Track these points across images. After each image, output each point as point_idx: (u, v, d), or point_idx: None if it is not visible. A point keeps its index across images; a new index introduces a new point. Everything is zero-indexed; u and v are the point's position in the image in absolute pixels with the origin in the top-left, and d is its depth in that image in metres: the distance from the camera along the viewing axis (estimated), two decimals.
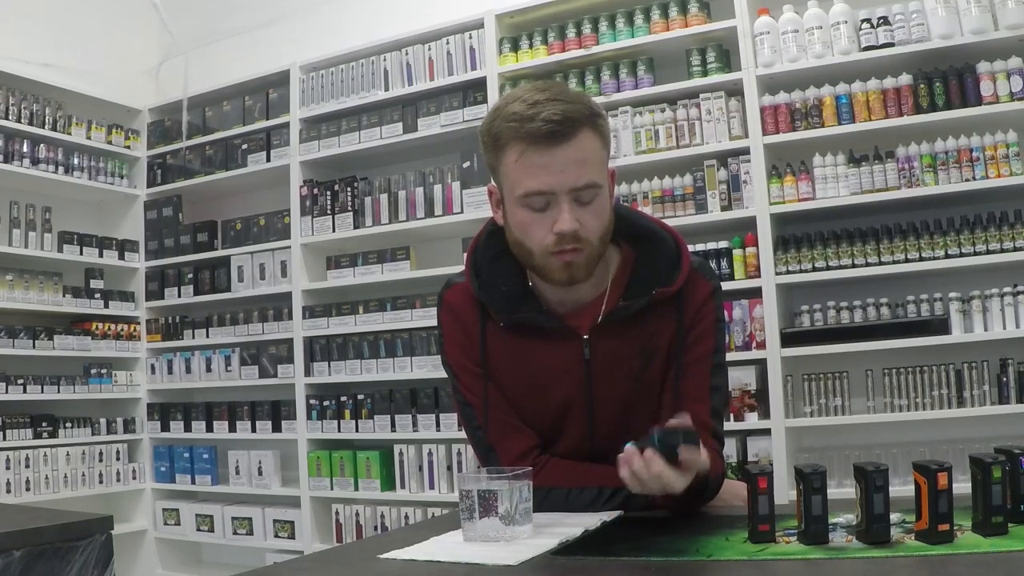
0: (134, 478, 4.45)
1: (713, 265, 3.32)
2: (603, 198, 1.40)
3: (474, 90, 3.84)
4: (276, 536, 4.15)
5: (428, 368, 3.82)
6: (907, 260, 3.13)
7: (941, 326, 3.09)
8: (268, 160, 4.31)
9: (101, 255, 4.46)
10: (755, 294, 3.31)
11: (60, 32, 4.37)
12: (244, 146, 4.39)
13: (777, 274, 3.28)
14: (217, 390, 4.42)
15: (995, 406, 3.02)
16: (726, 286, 3.28)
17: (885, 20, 3.19)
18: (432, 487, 3.84)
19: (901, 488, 1.24)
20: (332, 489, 4.01)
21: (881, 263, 3.16)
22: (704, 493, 1.37)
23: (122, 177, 4.60)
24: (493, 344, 1.50)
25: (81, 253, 4.36)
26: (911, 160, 3.15)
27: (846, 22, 3.24)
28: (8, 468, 3.90)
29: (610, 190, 1.44)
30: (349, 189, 4.10)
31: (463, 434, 1.63)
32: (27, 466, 3.97)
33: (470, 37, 3.87)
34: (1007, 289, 3.03)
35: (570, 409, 1.48)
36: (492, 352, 1.50)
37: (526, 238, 1.40)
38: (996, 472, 1.06)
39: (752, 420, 3.27)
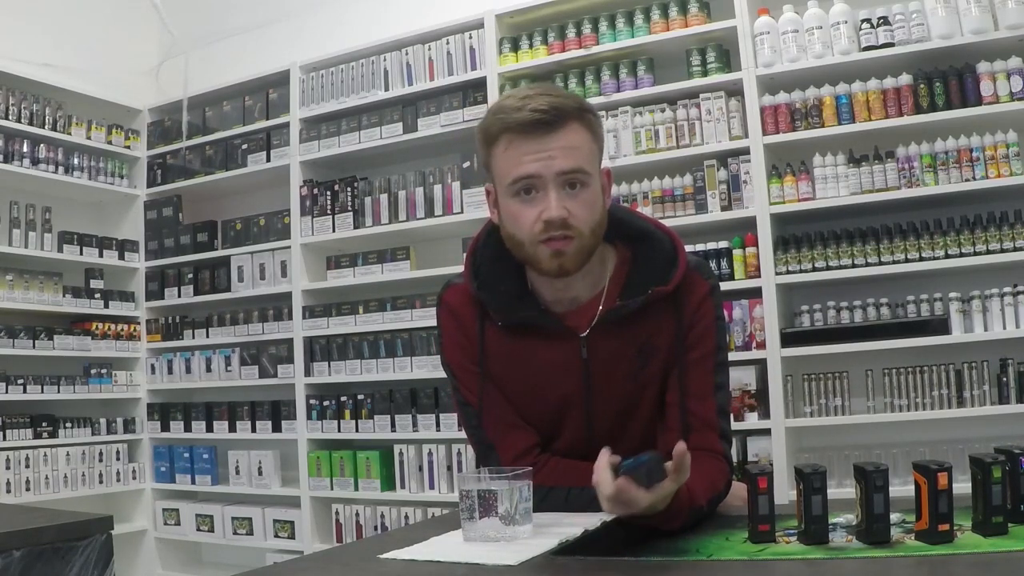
0: (134, 478, 4.45)
1: (713, 265, 3.32)
2: (593, 190, 1.40)
3: (474, 90, 3.84)
4: (276, 536, 4.15)
5: (428, 368, 3.82)
6: (907, 260, 3.13)
7: (941, 326, 3.09)
8: (268, 160, 4.31)
9: (101, 255, 4.46)
10: (755, 294, 3.31)
11: (60, 32, 4.37)
12: (244, 146, 4.38)
13: (777, 274, 3.28)
14: (217, 390, 4.42)
15: (995, 406, 3.02)
16: (726, 286, 3.28)
17: (885, 20, 3.19)
18: (432, 487, 3.84)
19: (901, 488, 1.23)
20: (332, 489, 4.01)
21: (881, 263, 3.16)
22: (687, 518, 1.30)
23: (122, 177, 4.60)
24: (492, 344, 1.50)
25: (81, 253, 4.36)
26: (911, 160, 3.15)
27: (846, 22, 3.24)
28: (8, 468, 3.90)
29: (605, 189, 1.45)
30: (349, 189, 4.10)
31: (463, 434, 1.63)
32: (27, 466, 3.97)
33: (470, 37, 3.87)
34: (1007, 289, 3.03)
35: (568, 408, 1.48)
36: (491, 352, 1.51)
37: (517, 229, 1.40)
38: (996, 472, 1.06)
39: (752, 420, 3.27)
